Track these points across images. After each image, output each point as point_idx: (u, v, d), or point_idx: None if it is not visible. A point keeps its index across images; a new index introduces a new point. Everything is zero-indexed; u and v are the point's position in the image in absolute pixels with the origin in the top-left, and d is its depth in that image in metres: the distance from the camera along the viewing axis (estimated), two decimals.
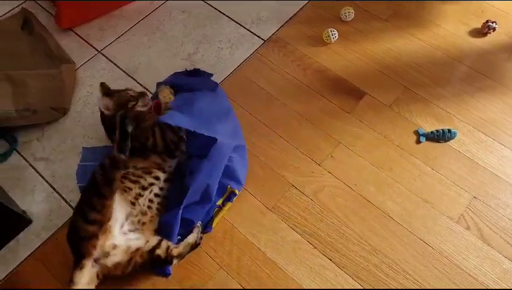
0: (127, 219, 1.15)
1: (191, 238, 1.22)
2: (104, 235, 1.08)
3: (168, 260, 1.16)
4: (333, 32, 1.59)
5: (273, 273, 1.21)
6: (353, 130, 1.43)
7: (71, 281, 1.06)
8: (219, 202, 1.31)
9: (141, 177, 1.23)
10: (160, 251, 1.15)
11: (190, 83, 1.41)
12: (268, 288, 1.19)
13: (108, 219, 1.09)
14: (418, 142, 1.40)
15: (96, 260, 1.09)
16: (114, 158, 1.11)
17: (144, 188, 1.22)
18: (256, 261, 1.23)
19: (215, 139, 1.21)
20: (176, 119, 1.19)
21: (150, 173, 1.24)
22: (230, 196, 1.31)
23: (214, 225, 1.29)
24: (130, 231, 1.15)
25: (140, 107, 1.29)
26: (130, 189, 1.20)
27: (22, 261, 1.26)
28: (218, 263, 1.23)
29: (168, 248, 1.17)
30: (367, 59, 1.59)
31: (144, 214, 1.20)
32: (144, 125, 1.28)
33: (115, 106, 1.28)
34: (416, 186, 1.32)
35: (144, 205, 1.21)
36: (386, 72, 1.56)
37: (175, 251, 1.17)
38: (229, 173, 1.31)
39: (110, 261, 1.10)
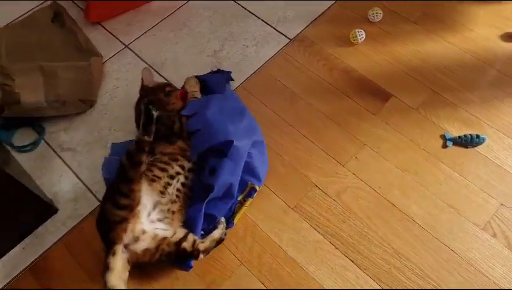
0: (155, 207, 1.16)
1: (217, 233, 1.22)
2: (134, 220, 1.10)
3: (194, 254, 1.17)
4: (360, 33, 1.58)
5: (294, 272, 1.21)
6: (379, 132, 1.42)
7: (107, 267, 1.07)
8: (240, 198, 1.32)
9: (168, 164, 1.25)
10: (186, 244, 1.16)
11: (207, 78, 1.46)
12: (290, 288, 1.19)
13: (137, 203, 1.11)
14: (445, 146, 1.38)
15: (126, 246, 1.10)
16: (138, 141, 1.12)
17: (172, 177, 1.23)
18: (277, 259, 1.23)
19: (232, 141, 1.23)
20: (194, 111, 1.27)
21: (176, 160, 1.26)
22: (251, 192, 1.32)
23: (235, 220, 1.29)
24: (159, 220, 1.16)
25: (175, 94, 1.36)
26: (159, 178, 1.21)
27: (48, 248, 1.30)
28: (239, 259, 1.24)
29: (194, 241, 1.18)
30: (394, 61, 1.57)
31: (173, 202, 1.22)
32: (169, 110, 1.32)
33: (154, 84, 1.37)
34: (442, 191, 1.30)
35: (172, 194, 1.22)
36: (413, 74, 1.54)
37: (201, 246, 1.18)
38: (249, 170, 1.32)
39: (140, 246, 1.12)
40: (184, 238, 1.17)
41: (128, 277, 1.13)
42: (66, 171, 1.42)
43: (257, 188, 1.32)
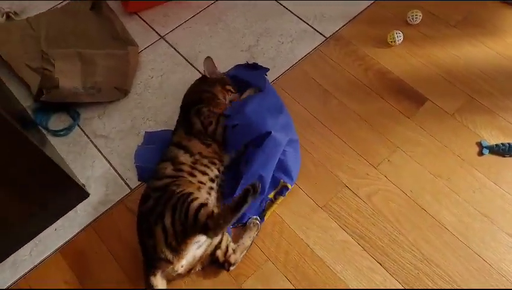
0: None
1: (248, 241, 1.23)
2: (178, 261, 1.11)
3: (225, 265, 1.19)
4: (399, 35, 1.56)
5: (320, 271, 1.21)
6: (412, 136, 1.40)
7: (149, 285, 1.10)
8: (271, 195, 1.32)
9: (208, 167, 1.25)
10: (219, 252, 1.18)
11: (244, 75, 1.44)
12: (316, 286, 1.18)
13: (186, 250, 1.12)
14: (481, 154, 1.35)
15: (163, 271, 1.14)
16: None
17: (212, 181, 1.25)
18: (304, 256, 1.23)
19: (269, 132, 1.24)
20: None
21: (214, 163, 1.27)
22: (282, 190, 1.32)
23: (265, 217, 1.30)
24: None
25: (231, 96, 1.38)
26: (204, 183, 1.22)
27: (79, 231, 1.32)
28: (266, 254, 1.24)
29: (227, 250, 1.19)
30: (431, 64, 1.55)
31: (214, 207, 1.23)
32: (215, 105, 1.34)
33: (218, 76, 1.43)
34: (476, 199, 1.28)
35: (214, 198, 1.24)
36: (450, 79, 1.51)
37: (232, 258, 1.19)
38: (282, 167, 1.32)
39: (177, 273, 1.16)
40: (219, 244, 1.18)
41: None
42: (98, 157, 1.45)
43: (289, 186, 1.32)
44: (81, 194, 1.37)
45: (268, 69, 1.47)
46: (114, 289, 1.22)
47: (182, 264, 1.15)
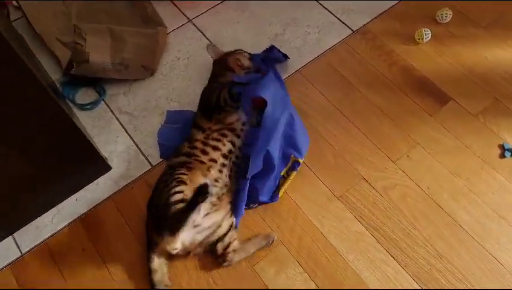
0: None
1: (252, 248, 1.23)
2: (171, 241, 1.14)
3: (219, 259, 1.21)
4: (427, 33, 1.55)
5: (332, 259, 1.22)
6: (434, 134, 1.40)
7: (150, 269, 1.17)
8: (283, 172, 1.34)
9: (219, 141, 1.28)
10: (220, 245, 1.20)
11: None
12: (327, 273, 1.20)
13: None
14: (502, 156, 1.34)
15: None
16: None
17: (225, 157, 1.27)
18: (317, 243, 1.25)
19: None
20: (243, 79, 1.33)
21: (225, 135, 1.29)
22: (294, 165, 1.34)
23: (280, 194, 1.31)
24: (205, 215, 1.18)
25: (242, 60, 1.42)
26: (215, 161, 1.25)
27: (99, 203, 1.36)
28: (279, 238, 1.26)
29: (229, 245, 1.20)
30: (457, 64, 1.54)
31: (225, 185, 1.26)
32: (222, 80, 1.39)
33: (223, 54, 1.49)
34: (494, 201, 1.28)
35: (226, 176, 1.27)
36: (476, 80, 1.50)
37: (230, 256, 1.20)
38: (292, 142, 1.34)
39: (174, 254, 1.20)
40: (223, 237, 1.19)
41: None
42: (121, 133, 1.48)
43: (300, 161, 1.34)
44: (104, 167, 1.41)
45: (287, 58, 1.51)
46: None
47: (176, 246, 1.16)
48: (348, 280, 1.20)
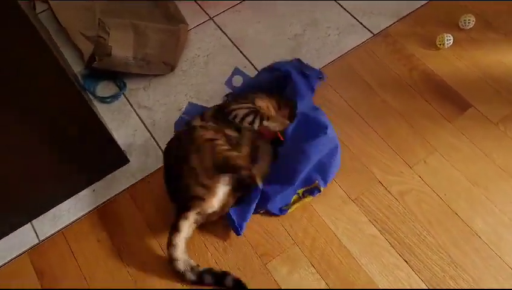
0: None
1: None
2: (211, 197, 1.19)
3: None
4: (448, 38, 1.54)
5: (345, 261, 1.22)
6: (452, 141, 1.39)
7: (176, 228, 1.18)
8: (300, 191, 1.31)
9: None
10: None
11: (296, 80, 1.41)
12: (340, 275, 1.20)
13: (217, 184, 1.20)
14: None
15: (198, 212, 1.21)
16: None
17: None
18: (330, 245, 1.25)
19: (326, 128, 1.26)
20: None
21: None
22: (313, 190, 1.31)
23: (290, 210, 1.30)
24: None
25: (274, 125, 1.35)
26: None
27: (116, 195, 1.38)
28: (293, 238, 1.27)
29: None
30: (478, 71, 1.52)
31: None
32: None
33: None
34: None
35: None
36: (497, 87, 1.48)
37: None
38: (322, 169, 1.31)
39: (210, 211, 1.22)
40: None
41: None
42: (140, 127, 1.51)
43: (321, 189, 1.31)
44: (122, 159, 1.43)
45: (321, 75, 1.46)
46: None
47: (214, 202, 1.22)
48: (360, 282, 1.19)
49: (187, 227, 1.21)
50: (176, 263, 1.19)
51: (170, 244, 1.19)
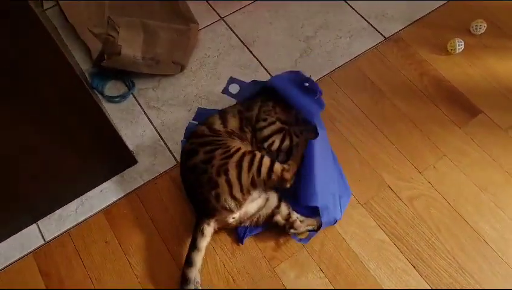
0: None
1: (316, 222, 1.26)
2: (238, 210, 1.20)
3: (285, 227, 1.23)
4: (460, 43, 1.54)
5: (353, 266, 1.23)
6: (461, 146, 1.40)
7: (202, 233, 1.18)
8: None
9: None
10: (279, 217, 1.23)
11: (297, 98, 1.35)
12: (348, 279, 1.21)
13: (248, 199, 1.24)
14: None
15: (217, 219, 1.22)
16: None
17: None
18: (339, 249, 1.25)
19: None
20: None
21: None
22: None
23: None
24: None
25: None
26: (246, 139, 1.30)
27: (123, 196, 1.37)
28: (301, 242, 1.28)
29: (289, 215, 1.23)
30: (489, 77, 1.52)
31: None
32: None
33: None
34: None
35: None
36: (507, 94, 1.49)
37: (296, 224, 1.22)
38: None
39: (232, 222, 1.23)
40: (276, 209, 1.23)
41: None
42: (149, 128, 1.50)
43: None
44: (130, 160, 1.42)
45: (321, 93, 1.38)
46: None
47: (237, 215, 1.24)
48: (368, 287, 1.20)
49: (209, 232, 1.21)
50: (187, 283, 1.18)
51: (190, 263, 1.18)
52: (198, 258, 1.18)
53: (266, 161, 1.24)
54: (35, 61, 0.99)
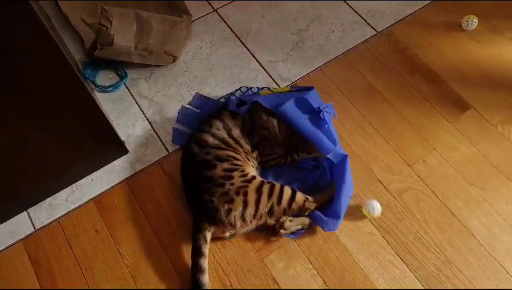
0: None
1: (307, 220, 1.25)
2: (241, 229, 1.23)
3: (275, 227, 1.23)
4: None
5: (342, 257, 1.24)
6: (451, 141, 1.40)
7: (205, 240, 1.19)
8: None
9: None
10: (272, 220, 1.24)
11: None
12: (338, 272, 1.22)
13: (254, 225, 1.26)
14: None
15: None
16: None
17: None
18: (328, 241, 1.26)
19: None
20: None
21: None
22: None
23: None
24: None
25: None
26: (249, 153, 1.31)
27: (114, 185, 1.38)
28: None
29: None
30: (480, 72, 1.53)
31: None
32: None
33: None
34: (507, 212, 1.28)
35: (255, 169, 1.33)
36: (498, 89, 1.50)
37: (286, 224, 1.22)
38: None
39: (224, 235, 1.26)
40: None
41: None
42: (140, 118, 1.50)
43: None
44: (121, 149, 1.42)
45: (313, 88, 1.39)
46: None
47: (235, 232, 1.26)
48: (356, 279, 1.21)
49: (209, 238, 1.23)
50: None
51: (202, 270, 1.18)
52: (206, 262, 1.20)
53: (287, 190, 1.25)
54: (28, 51, 0.99)
